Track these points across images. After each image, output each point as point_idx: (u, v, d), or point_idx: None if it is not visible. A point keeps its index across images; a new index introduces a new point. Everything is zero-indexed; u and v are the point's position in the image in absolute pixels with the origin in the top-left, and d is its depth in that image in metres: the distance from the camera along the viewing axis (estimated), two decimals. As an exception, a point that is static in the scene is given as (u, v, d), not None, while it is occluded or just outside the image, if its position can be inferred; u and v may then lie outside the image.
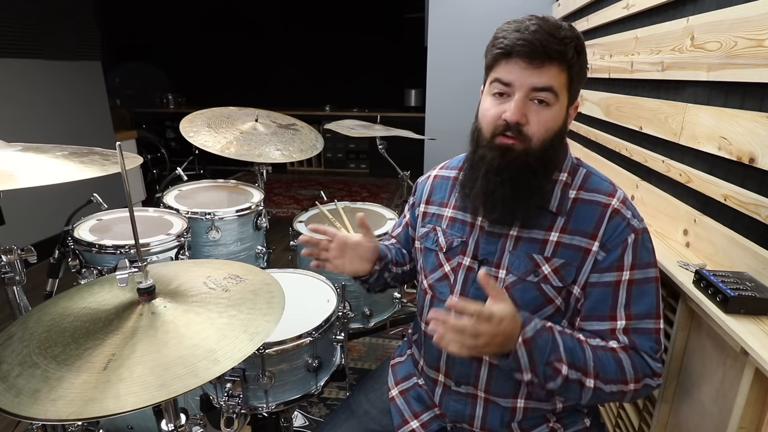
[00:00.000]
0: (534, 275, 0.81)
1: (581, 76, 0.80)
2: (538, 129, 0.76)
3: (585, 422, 0.90)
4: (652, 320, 0.79)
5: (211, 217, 1.55)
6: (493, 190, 0.79)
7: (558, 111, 0.77)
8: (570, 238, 0.80)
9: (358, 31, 5.64)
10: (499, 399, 0.86)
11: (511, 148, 0.77)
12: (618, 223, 0.79)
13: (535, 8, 2.94)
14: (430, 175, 1.02)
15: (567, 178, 0.84)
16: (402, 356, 1.06)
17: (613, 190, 0.83)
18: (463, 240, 0.89)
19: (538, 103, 0.76)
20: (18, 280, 1.04)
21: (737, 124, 0.96)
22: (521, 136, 0.77)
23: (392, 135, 2.09)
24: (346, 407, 1.05)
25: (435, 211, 0.97)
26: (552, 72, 0.74)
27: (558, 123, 0.78)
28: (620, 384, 0.76)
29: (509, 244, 0.84)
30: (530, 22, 0.75)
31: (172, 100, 5.98)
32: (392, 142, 2.10)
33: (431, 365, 0.94)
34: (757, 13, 0.91)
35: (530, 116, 0.76)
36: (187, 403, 1.29)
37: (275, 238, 2.90)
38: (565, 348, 0.74)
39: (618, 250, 0.78)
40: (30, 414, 0.57)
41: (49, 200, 2.78)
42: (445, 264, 0.91)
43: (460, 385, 0.89)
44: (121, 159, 0.70)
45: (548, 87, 0.74)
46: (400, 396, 0.99)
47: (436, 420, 0.93)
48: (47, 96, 3.18)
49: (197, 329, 0.72)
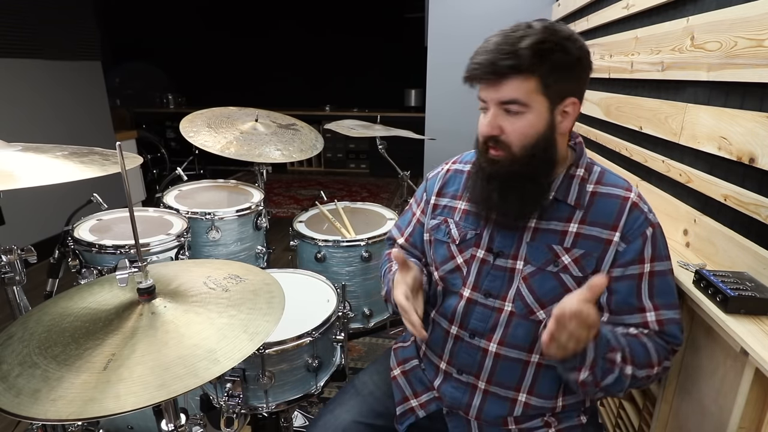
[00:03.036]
0: (554, 265, 0.83)
1: (564, 73, 0.77)
2: (515, 137, 0.79)
3: (581, 419, 0.91)
4: (676, 310, 0.82)
5: (211, 217, 1.55)
6: (487, 196, 0.85)
7: (535, 117, 0.78)
8: (590, 229, 0.82)
9: (358, 31, 5.64)
10: (501, 390, 0.87)
11: (496, 159, 0.82)
12: (637, 216, 0.81)
13: (535, 8, 2.94)
14: (443, 168, 1.04)
15: (584, 174, 0.86)
16: (405, 342, 1.08)
17: (629, 186, 0.85)
18: (476, 232, 0.91)
19: (512, 113, 0.78)
20: (18, 280, 1.04)
21: (737, 124, 0.96)
22: (501, 146, 0.80)
23: (392, 135, 2.08)
24: (352, 387, 1.06)
25: (447, 203, 0.98)
26: (513, 84, 0.76)
27: (538, 128, 0.79)
28: (648, 368, 0.78)
29: (527, 236, 0.86)
30: (491, 40, 0.78)
31: (172, 100, 5.98)
32: (392, 142, 2.10)
33: (434, 351, 0.96)
34: (757, 13, 0.91)
35: (505, 126, 0.79)
36: (187, 403, 1.29)
37: (275, 238, 2.90)
38: (614, 337, 0.76)
39: (638, 243, 0.81)
40: (30, 414, 0.57)
41: (49, 200, 2.78)
42: (457, 256, 0.92)
43: (461, 374, 0.91)
44: (121, 159, 0.70)
45: (512, 100, 0.77)
46: (401, 375, 1.02)
47: (435, 401, 0.96)
48: (47, 96, 3.18)
49: (197, 329, 0.72)
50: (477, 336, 0.88)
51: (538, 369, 0.86)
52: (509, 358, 0.86)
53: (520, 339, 0.85)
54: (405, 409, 0.97)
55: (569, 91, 0.80)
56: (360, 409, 0.99)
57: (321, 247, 1.52)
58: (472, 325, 0.89)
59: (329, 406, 1.02)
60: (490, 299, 0.87)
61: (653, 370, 0.79)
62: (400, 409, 0.98)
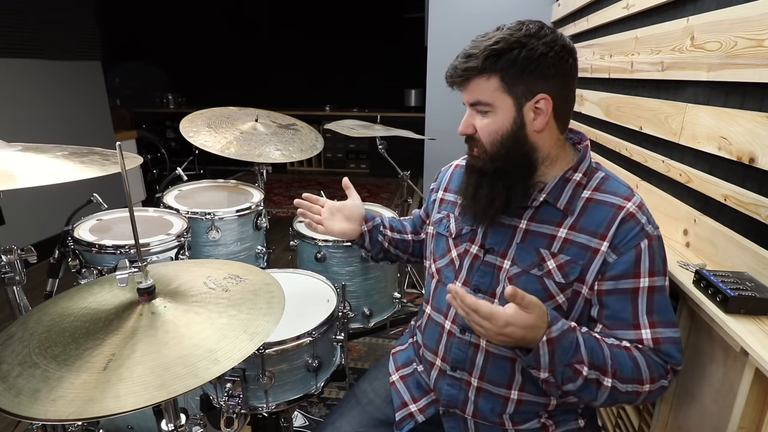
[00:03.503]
0: (538, 269, 0.82)
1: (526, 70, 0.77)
2: (483, 135, 0.84)
3: (579, 423, 0.90)
4: (675, 329, 0.80)
5: (211, 217, 1.55)
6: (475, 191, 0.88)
7: (501, 115, 0.81)
8: (578, 236, 0.81)
9: (358, 31, 5.64)
10: (492, 387, 0.87)
11: (475, 156, 0.87)
12: (631, 227, 0.79)
13: (535, 8, 2.94)
14: (453, 164, 1.08)
15: (582, 179, 0.84)
16: (403, 345, 1.09)
17: (630, 195, 0.82)
18: (473, 228, 0.93)
19: (481, 113, 0.83)
20: (18, 280, 1.04)
21: (737, 124, 0.96)
22: (476, 143, 0.86)
23: (392, 135, 2.08)
24: (353, 396, 1.07)
25: (451, 199, 1.01)
26: (475, 86, 0.81)
27: (505, 126, 0.81)
28: (636, 384, 0.76)
29: (518, 237, 0.86)
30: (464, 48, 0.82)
31: (172, 100, 5.98)
32: (392, 142, 2.10)
33: (430, 348, 0.96)
34: (757, 13, 0.91)
35: (477, 125, 0.84)
36: (187, 403, 1.29)
37: (275, 238, 2.90)
38: (586, 347, 0.74)
39: (631, 255, 0.78)
40: (30, 414, 0.57)
41: (49, 200, 2.78)
42: (452, 249, 0.94)
43: (455, 370, 0.91)
44: (121, 159, 0.70)
45: (475, 101, 0.82)
46: (400, 381, 1.02)
47: (433, 405, 0.96)
48: (47, 96, 3.18)
49: (197, 329, 0.72)
50: (467, 331, 0.89)
51: None
52: (500, 356, 0.86)
53: None
54: (404, 415, 0.97)
55: (538, 88, 0.78)
56: (360, 419, 1.00)
57: (321, 247, 1.52)
58: (462, 320, 0.88)
59: (330, 418, 1.03)
60: (479, 294, 0.88)
61: (643, 386, 0.76)
62: (399, 414, 0.97)
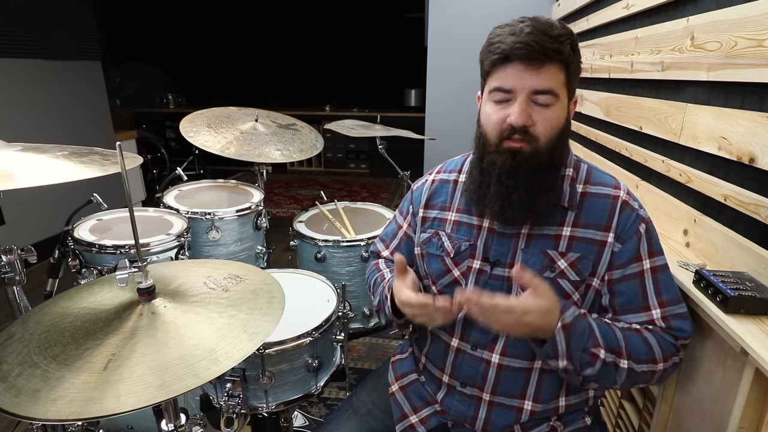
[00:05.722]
0: (550, 271, 0.82)
1: (578, 71, 0.80)
2: (545, 128, 0.76)
3: (586, 420, 0.90)
4: (682, 303, 0.82)
5: (211, 217, 1.55)
6: (509, 194, 0.79)
7: (560, 109, 0.78)
8: (583, 232, 0.81)
9: (358, 31, 5.64)
10: (506, 400, 0.86)
11: (520, 150, 0.77)
12: (629, 215, 0.81)
13: (535, 8, 2.95)
14: (427, 180, 1.00)
15: (573, 173, 0.85)
16: (403, 354, 1.06)
17: (617, 183, 0.85)
18: (470, 243, 0.88)
19: (539, 104, 0.76)
20: (18, 280, 1.04)
21: (737, 124, 0.96)
22: (528, 137, 0.77)
23: (392, 135, 2.08)
24: (349, 406, 1.04)
25: (437, 215, 0.95)
26: (551, 72, 0.74)
27: (562, 120, 0.79)
28: (650, 363, 0.78)
29: (521, 243, 0.84)
30: (523, 24, 0.75)
31: (172, 100, 5.98)
32: (392, 142, 2.10)
33: (436, 365, 0.94)
34: (757, 13, 0.91)
35: (535, 117, 0.76)
36: (187, 403, 1.29)
37: (275, 238, 2.90)
38: (600, 331, 0.76)
39: (633, 241, 0.81)
40: (30, 414, 0.57)
41: (49, 200, 2.78)
42: (453, 269, 0.90)
43: (465, 387, 0.89)
44: (121, 159, 0.70)
45: (548, 90, 0.75)
46: (400, 391, 0.99)
47: (436, 416, 0.94)
48: (47, 96, 3.18)
49: (197, 329, 0.72)
50: (479, 348, 0.87)
51: (541, 374, 0.85)
52: (512, 368, 0.85)
53: (522, 347, 0.83)
54: (404, 427, 0.94)
55: (575, 89, 0.82)
56: (359, 430, 0.97)
57: (321, 247, 1.52)
58: (474, 337, 0.87)
59: (326, 428, 1.00)
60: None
61: (657, 365, 0.78)
62: (399, 426, 0.95)
